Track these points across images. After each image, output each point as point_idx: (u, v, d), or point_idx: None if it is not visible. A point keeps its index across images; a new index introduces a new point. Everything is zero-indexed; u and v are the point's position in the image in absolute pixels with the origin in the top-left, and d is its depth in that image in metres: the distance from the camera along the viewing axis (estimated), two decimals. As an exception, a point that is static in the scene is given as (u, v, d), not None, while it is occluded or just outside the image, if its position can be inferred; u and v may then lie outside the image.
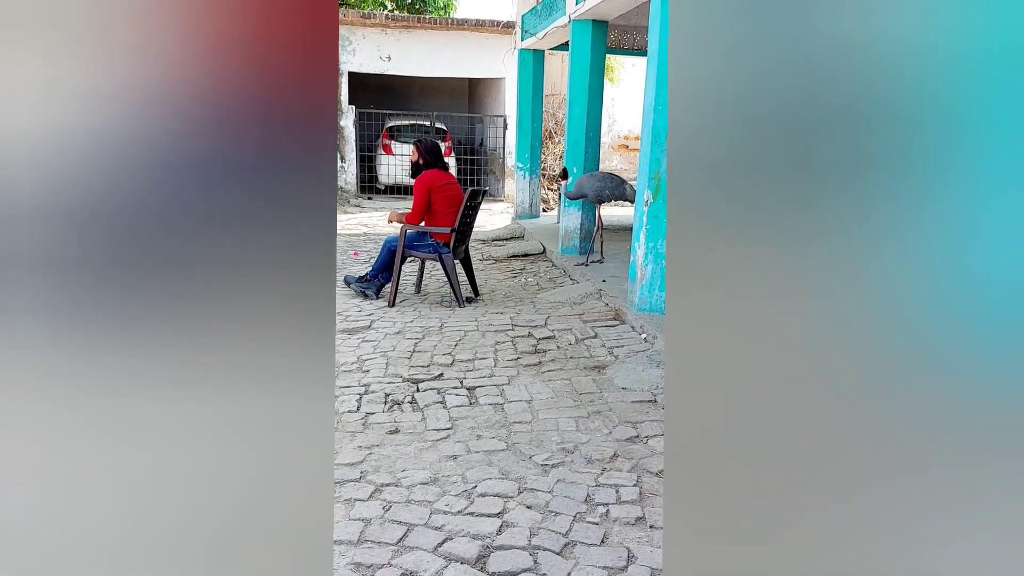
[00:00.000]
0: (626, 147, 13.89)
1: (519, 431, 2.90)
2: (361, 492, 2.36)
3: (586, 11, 6.50)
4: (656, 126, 4.49)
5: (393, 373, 3.58)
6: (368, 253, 7.21)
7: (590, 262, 6.33)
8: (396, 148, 12.57)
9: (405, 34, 12.65)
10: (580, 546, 2.08)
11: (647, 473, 2.55)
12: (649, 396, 3.29)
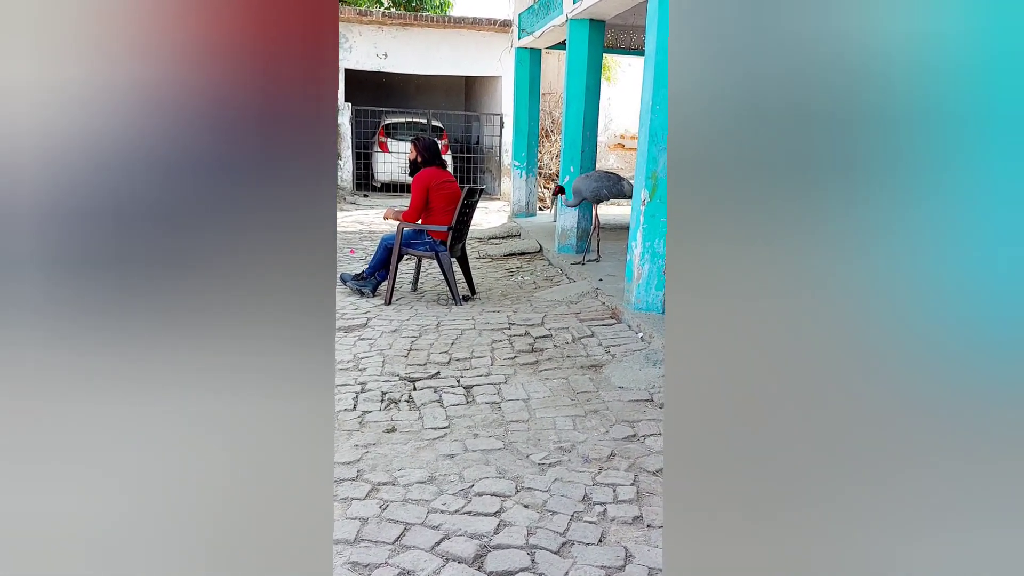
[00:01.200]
0: (622, 146, 13.90)
1: (516, 430, 2.90)
2: (358, 491, 2.36)
3: (583, 10, 6.50)
4: (653, 125, 4.49)
5: (390, 371, 3.58)
6: (364, 251, 7.21)
7: (586, 261, 6.33)
8: (392, 146, 12.56)
9: (402, 31, 12.64)
10: (578, 545, 2.08)
11: (644, 472, 2.55)
12: (646, 395, 3.29)
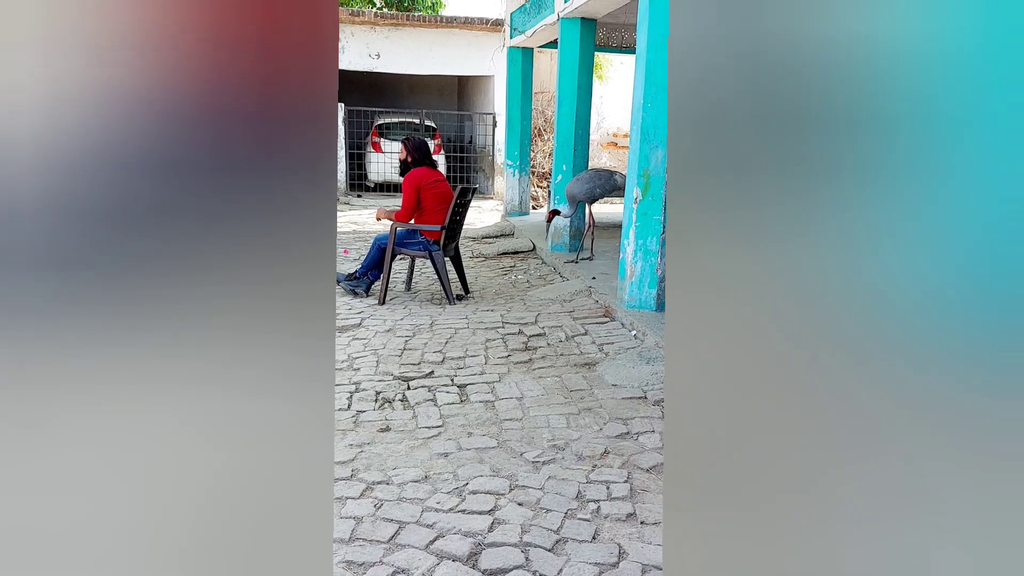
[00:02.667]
0: (615, 144, 13.91)
1: (510, 428, 2.91)
2: (352, 490, 2.37)
3: (574, 9, 6.50)
4: (645, 124, 4.50)
5: (384, 371, 3.58)
6: (358, 251, 7.20)
7: (579, 259, 6.34)
8: (385, 146, 12.54)
9: (394, 32, 12.62)
10: (571, 543, 2.09)
11: (638, 469, 2.56)
12: (639, 393, 3.30)
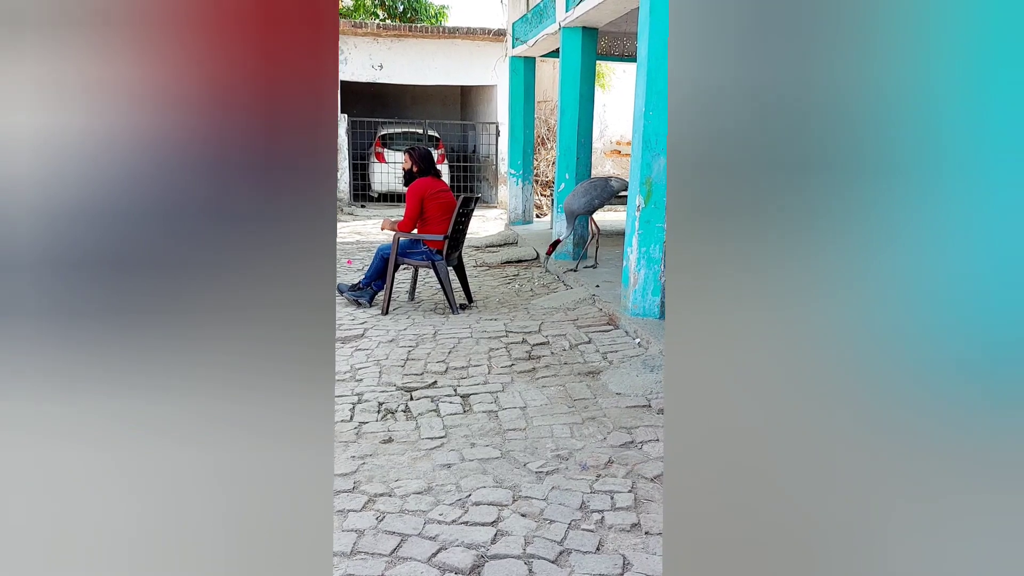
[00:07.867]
0: (618, 152, 13.93)
1: (513, 438, 2.89)
2: (354, 503, 2.35)
3: (576, 18, 6.52)
4: (647, 132, 4.49)
5: (387, 382, 3.57)
6: (361, 261, 7.20)
7: (582, 267, 6.32)
8: (389, 156, 12.59)
9: (397, 43, 12.68)
10: (575, 554, 2.07)
11: (642, 479, 2.54)
12: (644, 401, 3.28)
